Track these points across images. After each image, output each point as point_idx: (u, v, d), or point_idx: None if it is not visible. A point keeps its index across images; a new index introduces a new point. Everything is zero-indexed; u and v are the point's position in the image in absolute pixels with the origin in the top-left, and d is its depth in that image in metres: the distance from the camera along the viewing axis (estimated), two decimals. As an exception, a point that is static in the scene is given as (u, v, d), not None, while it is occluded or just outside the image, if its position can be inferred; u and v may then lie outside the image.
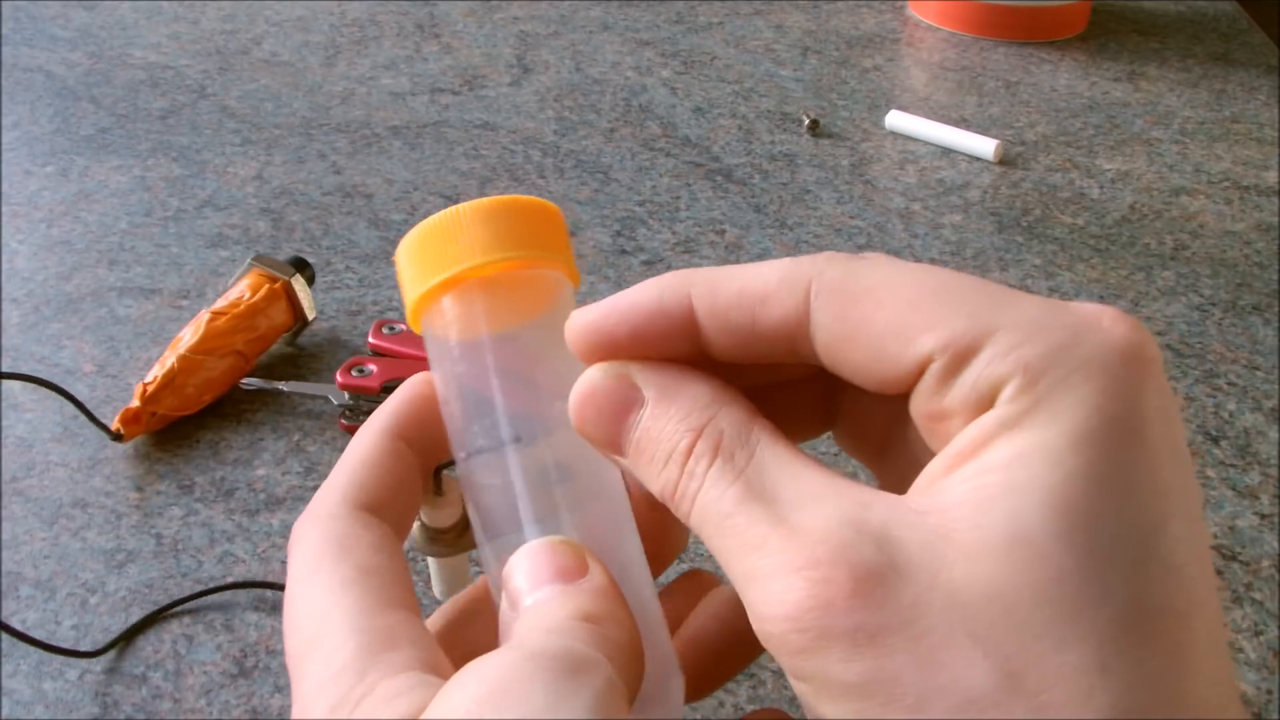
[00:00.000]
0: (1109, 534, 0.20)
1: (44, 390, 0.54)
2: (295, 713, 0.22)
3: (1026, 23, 0.92)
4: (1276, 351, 0.59)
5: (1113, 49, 0.92)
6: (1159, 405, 0.21)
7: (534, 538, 0.24)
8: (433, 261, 0.25)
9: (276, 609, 0.45)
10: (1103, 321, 0.22)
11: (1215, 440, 0.54)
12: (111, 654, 0.43)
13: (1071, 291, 0.63)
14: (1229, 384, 0.57)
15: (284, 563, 0.46)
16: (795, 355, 0.24)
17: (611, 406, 0.24)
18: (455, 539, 0.34)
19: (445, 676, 0.22)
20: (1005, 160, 0.76)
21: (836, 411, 0.28)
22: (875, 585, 0.20)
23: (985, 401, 0.21)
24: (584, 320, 0.25)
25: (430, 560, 0.37)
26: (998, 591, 0.19)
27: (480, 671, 0.20)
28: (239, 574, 0.46)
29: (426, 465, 0.27)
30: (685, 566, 0.46)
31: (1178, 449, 0.21)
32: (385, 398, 0.51)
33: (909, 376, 0.23)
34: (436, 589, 0.37)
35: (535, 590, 0.23)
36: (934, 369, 0.22)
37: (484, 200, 0.25)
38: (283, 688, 0.42)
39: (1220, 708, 0.20)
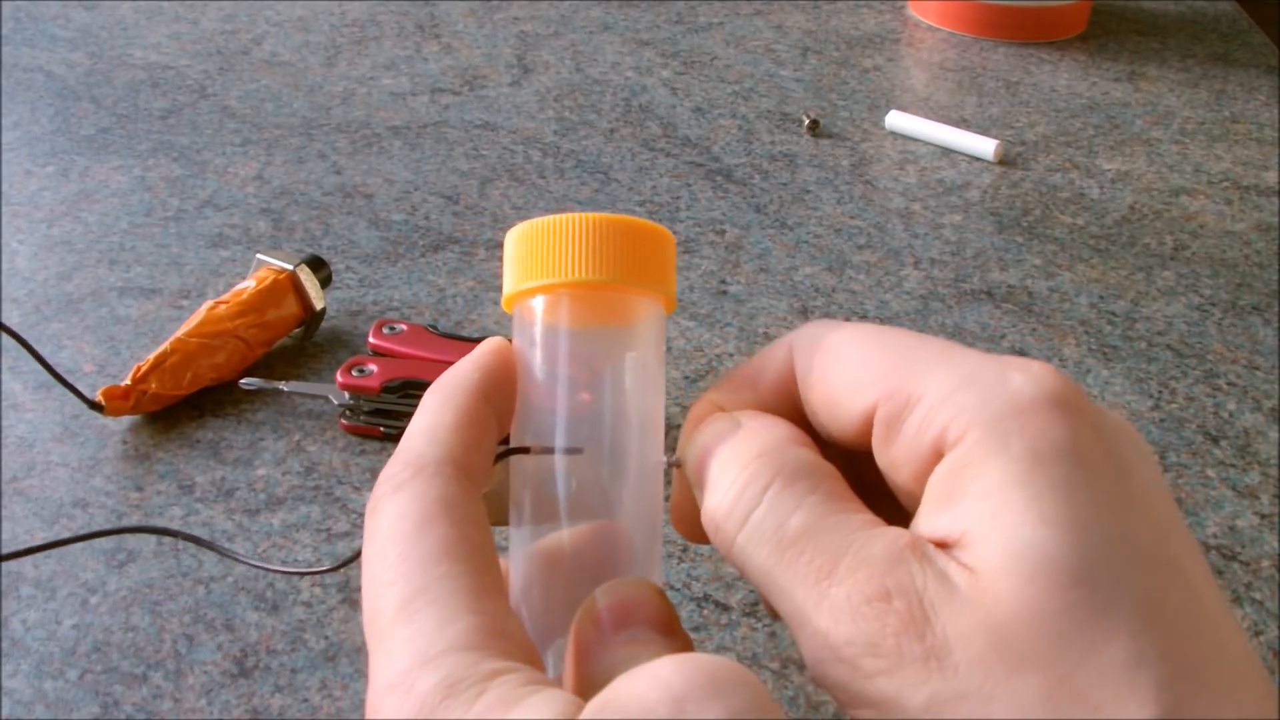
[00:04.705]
0: (1095, 537, 0.21)
1: (45, 390, 0.54)
2: (384, 679, 0.21)
3: (1026, 23, 0.92)
4: (1276, 351, 0.59)
5: (1113, 49, 0.92)
6: (1094, 433, 0.22)
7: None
8: (541, 261, 0.27)
9: (278, 609, 0.45)
10: (1031, 369, 0.23)
11: (1215, 440, 0.54)
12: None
13: (1071, 291, 0.63)
14: (1229, 384, 0.57)
15: (284, 563, 0.47)
16: (800, 415, 0.26)
17: (714, 435, 0.26)
18: None
19: (540, 672, 0.21)
20: (1005, 160, 0.76)
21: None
22: (942, 612, 0.21)
23: (929, 447, 0.23)
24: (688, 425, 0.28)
25: None
26: (1026, 609, 0.20)
27: (676, 666, 0.20)
28: (239, 574, 0.46)
29: (499, 437, 0.27)
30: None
31: (1128, 469, 0.22)
32: (385, 398, 0.51)
33: (862, 426, 0.24)
34: None
35: (626, 627, 0.23)
36: (878, 418, 0.24)
37: (603, 216, 0.27)
38: (283, 687, 0.42)
39: (1257, 705, 0.21)
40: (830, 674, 0.22)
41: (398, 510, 0.23)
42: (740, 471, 0.24)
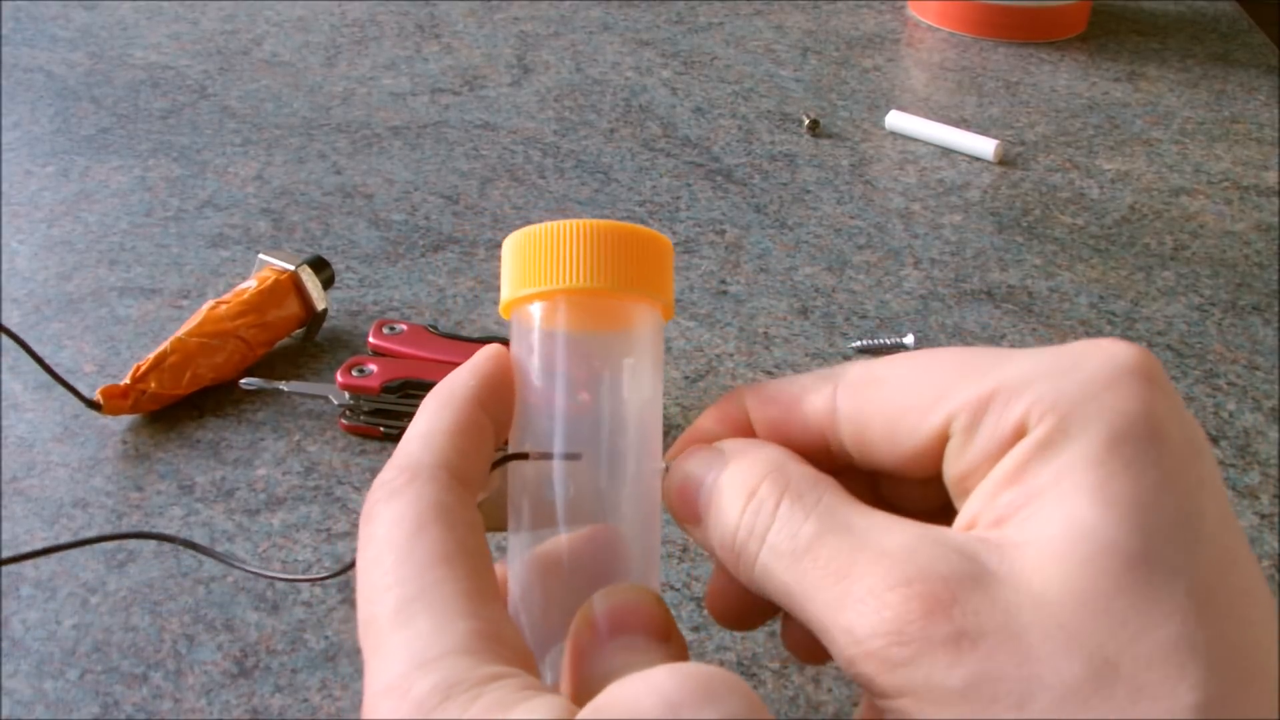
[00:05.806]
0: (1160, 520, 0.21)
1: (45, 390, 0.54)
2: (380, 682, 0.21)
3: (1026, 23, 0.92)
4: (1276, 351, 0.59)
5: (1113, 49, 0.92)
6: (1171, 408, 0.22)
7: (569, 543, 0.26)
8: (538, 267, 0.27)
9: (277, 609, 0.45)
10: (1102, 344, 0.23)
11: (1215, 440, 0.54)
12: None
13: (1071, 291, 0.63)
14: (1229, 384, 0.57)
15: (284, 563, 0.47)
16: (830, 452, 0.27)
17: (702, 464, 0.26)
18: None
19: (536, 678, 0.21)
20: (1005, 160, 0.76)
21: None
22: (971, 592, 0.21)
23: (1009, 436, 0.23)
24: (680, 444, 0.28)
25: None
26: (1078, 587, 0.20)
27: (671, 673, 0.20)
28: (239, 574, 0.46)
29: (496, 444, 0.27)
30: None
31: (1200, 449, 0.23)
32: (385, 398, 0.51)
33: (931, 445, 0.24)
34: None
35: (622, 633, 0.23)
36: (956, 428, 0.24)
37: (602, 222, 0.27)
38: (283, 687, 0.42)
39: None
40: (863, 670, 0.22)
41: (393, 516, 0.23)
42: (749, 494, 0.24)
